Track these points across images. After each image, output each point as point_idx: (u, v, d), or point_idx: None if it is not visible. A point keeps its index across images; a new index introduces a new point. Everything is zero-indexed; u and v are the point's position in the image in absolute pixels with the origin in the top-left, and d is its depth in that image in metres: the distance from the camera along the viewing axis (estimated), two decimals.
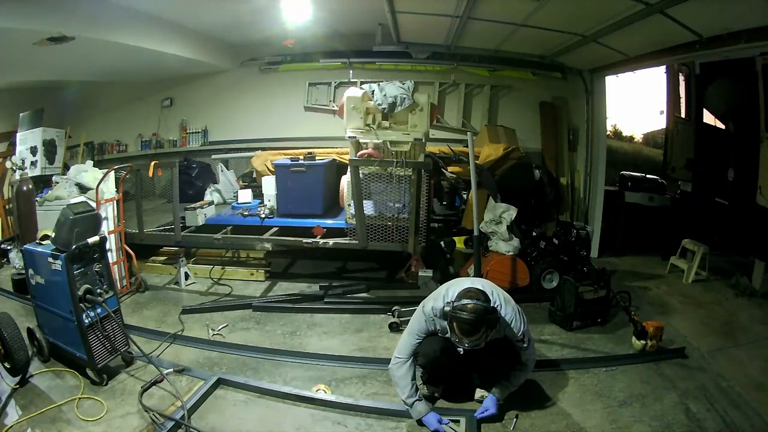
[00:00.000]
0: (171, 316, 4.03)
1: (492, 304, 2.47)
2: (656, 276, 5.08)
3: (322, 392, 2.91)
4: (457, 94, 6.71)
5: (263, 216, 4.95)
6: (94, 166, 5.15)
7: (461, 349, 2.46)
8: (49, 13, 4.01)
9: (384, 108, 4.02)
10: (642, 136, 10.24)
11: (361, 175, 4.09)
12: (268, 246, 4.65)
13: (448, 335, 2.53)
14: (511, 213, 4.43)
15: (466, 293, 2.44)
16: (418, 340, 2.66)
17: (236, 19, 5.58)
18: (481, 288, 2.52)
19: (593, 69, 5.98)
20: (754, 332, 3.79)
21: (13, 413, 2.68)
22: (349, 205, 4.35)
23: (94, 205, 3.92)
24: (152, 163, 4.55)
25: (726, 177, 5.77)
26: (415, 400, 2.62)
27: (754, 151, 4.99)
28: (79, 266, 2.92)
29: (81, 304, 2.88)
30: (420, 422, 2.62)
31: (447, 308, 2.46)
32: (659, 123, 8.21)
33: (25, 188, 4.53)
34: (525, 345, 2.65)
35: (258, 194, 5.54)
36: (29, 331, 3.19)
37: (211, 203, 5.55)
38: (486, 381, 2.86)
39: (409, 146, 4.07)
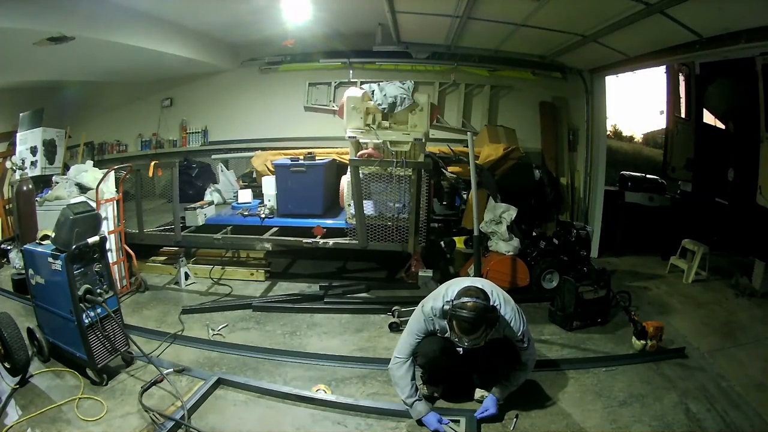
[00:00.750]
0: (171, 316, 4.03)
1: (492, 303, 2.47)
2: (656, 276, 5.08)
3: (322, 392, 2.91)
4: (457, 94, 6.71)
5: (263, 216, 4.95)
6: (94, 166, 5.16)
7: (461, 349, 2.46)
8: (49, 13, 4.01)
9: (384, 108, 4.02)
10: (642, 136, 10.24)
11: (361, 175, 4.09)
12: (268, 246, 4.65)
13: (447, 335, 2.53)
14: (511, 213, 4.43)
15: (466, 291, 2.44)
16: (418, 340, 2.66)
17: (236, 19, 5.58)
18: (480, 287, 2.52)
19: (593, 69, 5.98)
20: (754, 332, 3.79)
21: (13, 413, 2.68)
22: (349, 205, 4.35)
23: (94, 205, 3.92)
24: (152, 163, 4.55)
25: (726, 177, 5.77)
26: (415, 400, 2.62)
27: (754, 151, 4.99)
28: (79, 266, 2.92)
29: (81, 304, 2.88)
30: (420, 422, 2.62)
31: (446, 307, 2.46)
32: (659, 123, 8.22)
33: (25, 188, 4.52)
34: (525, 345, 2.65)
35: (258, 194, 5.54)
36: (29, 331, 3.19)
37: (211, 203, 5.55)
38: (486, 381, 2.86)
39: (409, 146, 4.07)
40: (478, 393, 2.86)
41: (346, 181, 4.53)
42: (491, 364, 2.76)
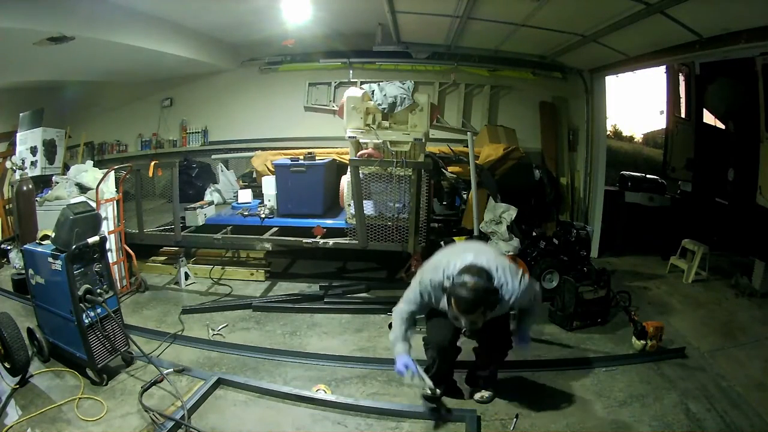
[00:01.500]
0: (171, 316, 4.02)
1: (496, 283, 2.40)
2: (656, 276, 5.08)
3: (322, 392, 2.90)
4: (457, 94, 6.71)
5: (263, 216, 4.95)
6: (94, 166, 5.16)
7: (466, 334, 2.45)
8: (49, 13, 4.01)
9: (384, 108, 4.02)
10: (642, 136, 10.24)
11: (361, 175, 4.08)
12: (268, 246, 4.64)
13: (442, 308, 2.50)
14: (511, 213, 4.42)
15: (468, 269, 2.37)
16: (413, 309, 2.64)
17: (236, 19, 5.58)
18: (485, 264, 2.43)
19: (593, 69, 5.98)
20: (754, 332, 3.79)
21: (13, 413, 2.68)
22: (349, 205, 4.35)
23: (94, 205, 3.92)
24: (152, 163, 4.54)
25: (726, 177, 5.78)
26: (400, 342, 2.61)
27: (754, 151, 4.99)
28: (79, 266, 2.92)
29: (81, 304, 2.88)
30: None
31: (447, 283, 2.42)
32: (659, 123, 8.22)
33: (25, 188, 4.52)
34: (534, 305, 2.72)
35: (258, 194, 5.54)
36: (29, 331, 3.19)
37: (211, 203, 5.55)
38: (487, 381, 2.86)
39: (409, 146, 4.07)
40: (478, 394, 2.85)
41: (346, 181, 4.53)
42: (493, 341, 2.73)
